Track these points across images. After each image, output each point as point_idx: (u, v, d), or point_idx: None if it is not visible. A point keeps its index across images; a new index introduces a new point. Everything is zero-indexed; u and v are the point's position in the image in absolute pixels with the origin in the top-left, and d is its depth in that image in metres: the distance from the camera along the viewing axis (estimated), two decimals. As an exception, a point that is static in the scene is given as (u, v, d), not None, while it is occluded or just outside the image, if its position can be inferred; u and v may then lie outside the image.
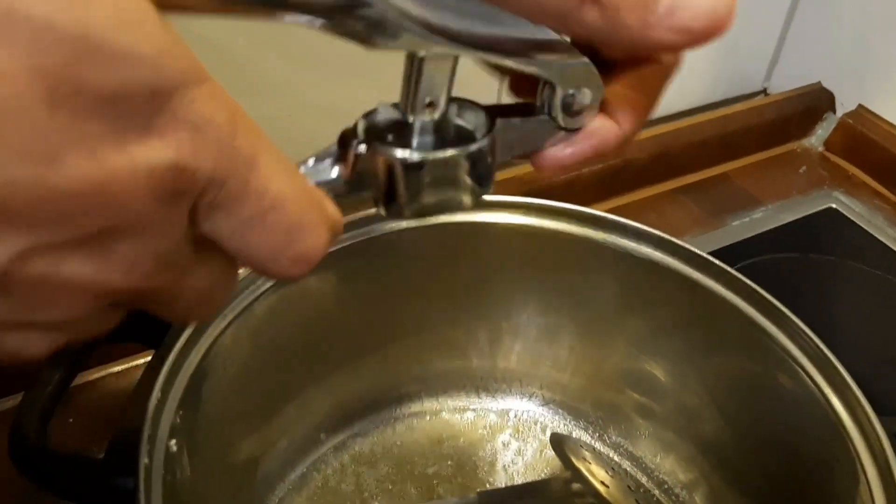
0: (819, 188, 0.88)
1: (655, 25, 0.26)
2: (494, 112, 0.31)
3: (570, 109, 0.31)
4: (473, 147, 0.30)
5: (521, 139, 0.32)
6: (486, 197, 0.32)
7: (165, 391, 0.41)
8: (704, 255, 0.50)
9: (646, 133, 0.82)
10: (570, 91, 0.31)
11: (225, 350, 0.46)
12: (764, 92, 0.98)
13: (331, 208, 0.26)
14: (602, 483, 0.52)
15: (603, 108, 0.32)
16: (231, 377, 0.47)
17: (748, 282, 0.49)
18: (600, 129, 0.32)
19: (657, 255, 0.52)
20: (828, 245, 0.81)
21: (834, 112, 0.93)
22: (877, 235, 0.82)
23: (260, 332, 0.49)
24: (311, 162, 0.30)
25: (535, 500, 0.47)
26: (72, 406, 0.52)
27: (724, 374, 0.53)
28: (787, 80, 0.95)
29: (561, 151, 0.32)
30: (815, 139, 0.93)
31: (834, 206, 0.85)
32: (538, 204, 0.53)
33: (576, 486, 0.50)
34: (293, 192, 0.23)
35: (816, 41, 0.93)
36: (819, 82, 0.94)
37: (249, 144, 0.21)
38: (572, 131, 0.32)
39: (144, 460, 0.38)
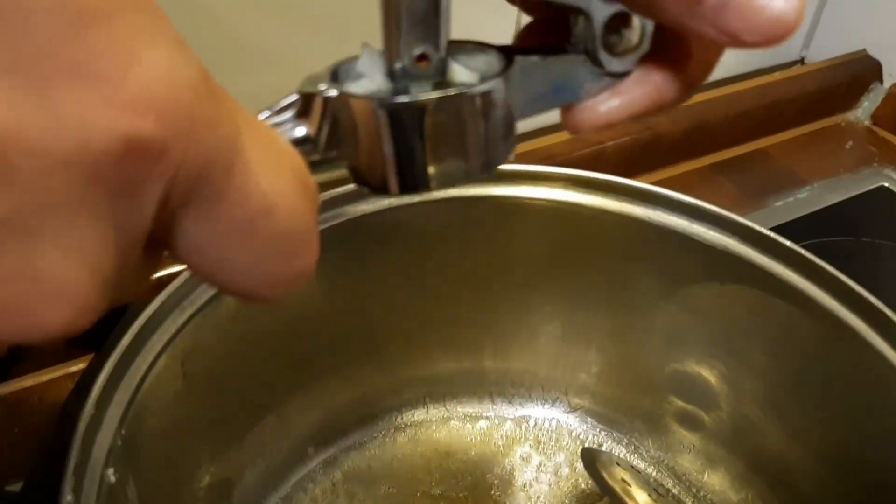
0: (868, 165, 0.78)
1: (701, 18, 0.21)
2: (511, 52, 0.23)
3: (613, 48, 0.24)
4: (482, 87, 0.21)
5: (549, 85, 0.24)
6: (503, 167, 0.23)
7: (102, 406, 0.32)
8: (774, 236, 0.41)
9: (677, 103, 0.73)
10: (613, 20, 0.23)
11: (184, 351, 0.37)
12: (801, 61, 0.89)
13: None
14: (645, 510, 0.43)
15: (657, 52, 0.23)
16: (193, 384, 0.38)
17: (830, 269, 0.40)
18: (656, 75, 0.24)
19: (713, 236, 0.43)
20: (881, 227, 0.72)
21: (881, 82, 0.84)
22: (936, 217, 0.73)
23: (230, 328, 0.40)
24: (263, 117, 0.21)
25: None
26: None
27: (791, 377, 0.44)
28: (827, 48, 0.86)
29: (605, 102, 0.24)
30: (862, 112, 0.84)
31: (886, 184, 0.76)
32: (567, 174, 0.44)
33: (614, 514, 0.41)
34: (289, 186, 0.16)
35: (860, 4, 0.84)
36: (864, 50, 0.84)
37: (230, 118, 0.15)
38: (617, 76, 0.24)
39: (67, 498, 0.29)
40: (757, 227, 0.42)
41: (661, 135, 0.72)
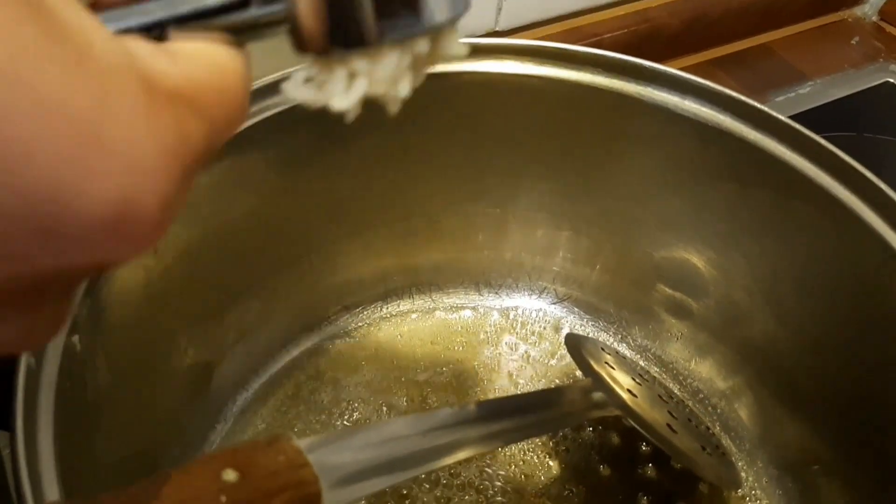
0: (874, 62, 0.76)
1: None
2: None
3: None
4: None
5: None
6: (485, 40, 0.21)
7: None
8: (768, 110, 0.40)
9: (677, -6, 0.70)
10: None
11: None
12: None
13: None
14: (628, 392, 0.42)
15: None
16: (165, 261, 0.37)
17: (826, 144, 0.38)
18: None
19: (706, 113, 0.41)
20: (885, 123, 0.70)
21: (891, -25, 0.80)
22: (941, 113, 0.71)
23: (203, 211, 0.39)
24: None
25: (546, 412, 0.38)
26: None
27: (784, 262, 0.43)
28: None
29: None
30: (869, 7, 0.81)
31: (891, 80, 0.74)
32: (553, 48, 0.42)
33: (596, 395, 0.41)
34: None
35: None
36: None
37: None
38: None
39: (29, 361, 0.28)
40: (749, 101, 0.40)
41: (660, 27, 0.69)
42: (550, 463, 0.45)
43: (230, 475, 0.25)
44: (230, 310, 0.44)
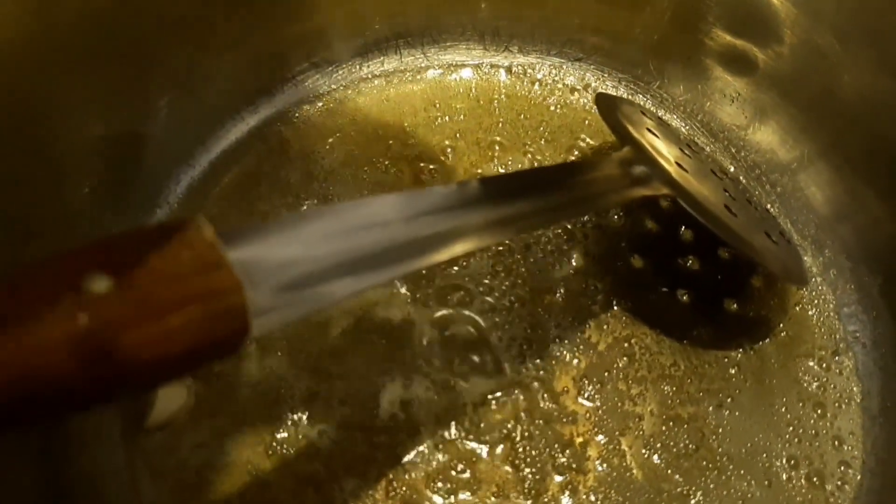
0: None
1: None
2: None
3: None
4: None
5: None
6: None
7: None
8: None
9: None
10: None
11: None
12: None
13: None
14: (677, 165, 0.33)
15: None
16: None
17: None
18: None
19: None
20: None
21: None
22: None
23: None
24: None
25: (571, 191, 0.29)
26: None
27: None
28: None
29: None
30: None
31: None
32: None
33: (638, 169, 0.31)
34: None
35: None
36: None
37: None
38: None
39: None
40: None
41: None
42: (572, 253, 0.36)
43: (98, 283, 0.16)
44: (158, 58, 0.33)
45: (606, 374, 0.34)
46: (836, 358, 0.35)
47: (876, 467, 0.32)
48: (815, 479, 0.32)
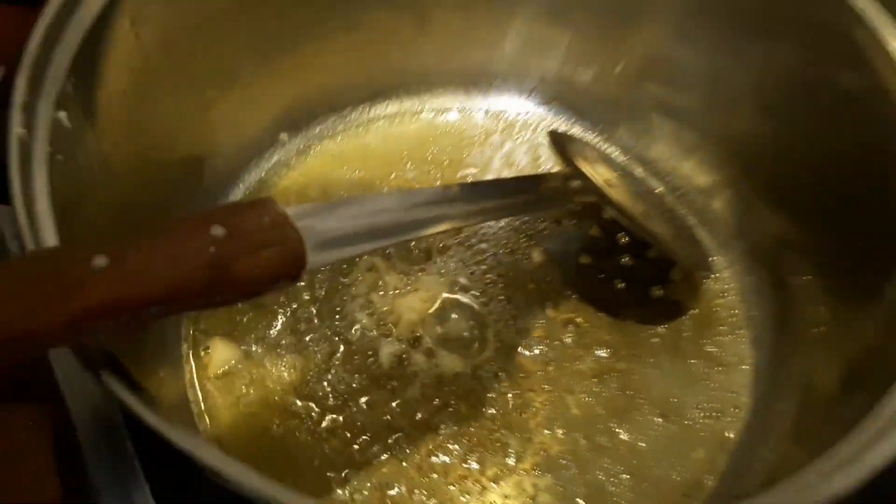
0: None
1: None
2: None
3: None
4: None
5: None
6: None
7: (51, 40, 0.31)
8: None
9: None
10: None
11: (133, 8, 0.36)
12: None
13: None
14: (606, 182, 0.44)
15: None
16: (147, 47, 0.38)
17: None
18: None
19: None
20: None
21: None
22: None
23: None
24: None
25: (525, 194, 0.40)
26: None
27: (776, 61, 0.42)
28: None
29: None
30: None
31: None
32: None
33: (575, 183, 0.42)
34: None
35: None
36: None
37: None
38: None
39: (18, 130, 0.29)
40: None
41: None
42: (532, 252, 0.47)
43: (218, 230, 0.27)
44: (216, 102, 0.44)
45: (558, 342, 0.44)
46: (737, 331, 0.45)
47: (759, 410, 0.42)
48: (715, 414, 0.42)
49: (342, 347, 0.43)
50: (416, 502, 0.39)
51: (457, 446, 0.40)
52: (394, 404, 0.41)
